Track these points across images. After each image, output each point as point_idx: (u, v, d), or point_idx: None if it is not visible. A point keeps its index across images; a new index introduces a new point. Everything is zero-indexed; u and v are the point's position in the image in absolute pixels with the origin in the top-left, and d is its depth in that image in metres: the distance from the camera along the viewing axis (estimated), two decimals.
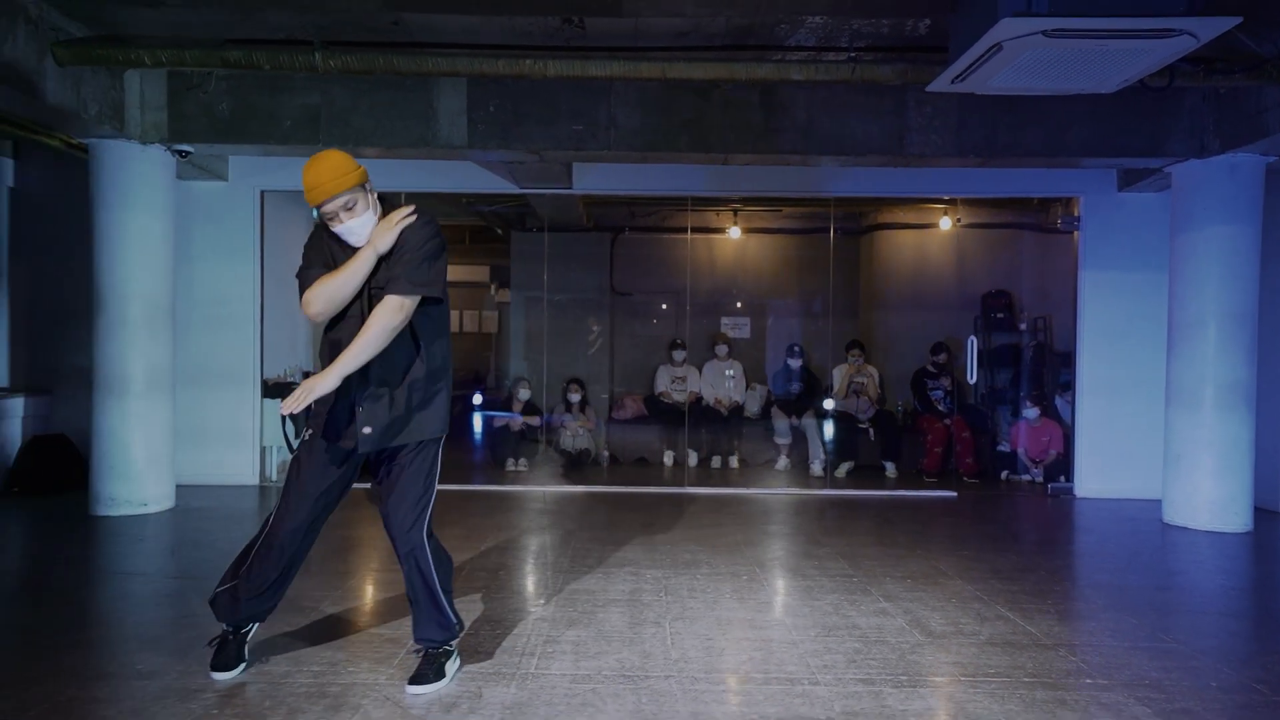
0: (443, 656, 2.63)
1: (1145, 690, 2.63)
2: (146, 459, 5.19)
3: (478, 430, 8.96)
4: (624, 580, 3.83)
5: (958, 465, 7.17)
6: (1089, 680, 2.71)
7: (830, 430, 7.42)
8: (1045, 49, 3.54)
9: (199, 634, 3.03)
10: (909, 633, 3.15)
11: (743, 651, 2.94)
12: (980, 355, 7.40)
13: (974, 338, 6.82)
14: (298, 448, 2.63)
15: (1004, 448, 7.45)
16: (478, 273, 10.76)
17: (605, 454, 7.73)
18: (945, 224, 7.94)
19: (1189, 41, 3.46)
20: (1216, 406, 5.11)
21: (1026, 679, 2.71)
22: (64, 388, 6.26)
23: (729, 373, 7.96)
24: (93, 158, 5.10)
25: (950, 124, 5.17)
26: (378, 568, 3.99)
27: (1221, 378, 5.10)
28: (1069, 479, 6.52)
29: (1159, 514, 5.49)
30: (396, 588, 3.60)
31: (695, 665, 2.81)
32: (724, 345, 8.07)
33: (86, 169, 5.62)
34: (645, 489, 6.39)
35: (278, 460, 6.42)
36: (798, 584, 3.80)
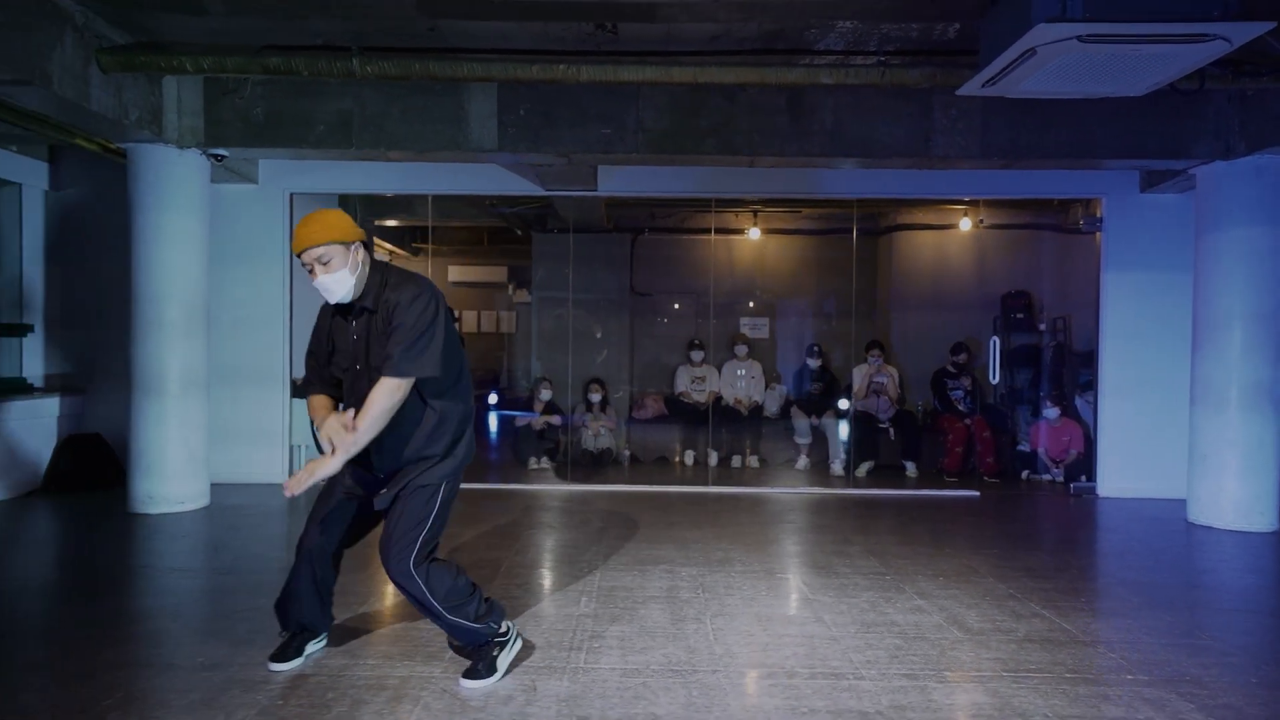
0: (494, 649, 2.69)
1: (1187, 686, 2.68)
2: (183, 458, 5.29)
3: (492, 430, 9.05)
4: (660, 578, 3.89)
5: (978, 465, 7.20)
6: (1129, 676, 2.76)
7: (847, 430, 7.47)
8: (1079, 53, 3.59)
9: (254, 627, 3.12)
10: (947, 629, 3.20)
11: (785, 647, 3.00)
12: (1002, 355, 7.44)
13: (996, 338, 6.86)
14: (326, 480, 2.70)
15: (1024, 447, 7.49)
16: (496, 273, 10.83)
17: (626, 453, 7.79)
18: (964, 225, 7.97)
19: (1222, 46, 3.50)
20: (1242, 406, 5.14)
21: (1068, 675, 2.76)
22: (97, 388, 6.36)
23: (740, 372, 8.02)
24: (131, 162, 5.20)
25: (975, 126, 5.21)
26: None
27: (1247, 378, 5.13)
28: (1090, 479, 6.55)
29: (1183, 513, 5.52)
30: None
31: (740, 660, 2.87)
32: (743, 345, 8.13)
33: (122, 173, 5.72)
34: (667, 488, 6.45)
35: (305, 459, 6.50)
36: (832, 582, 3.85)
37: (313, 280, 2.54)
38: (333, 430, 2.47)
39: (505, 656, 2.70)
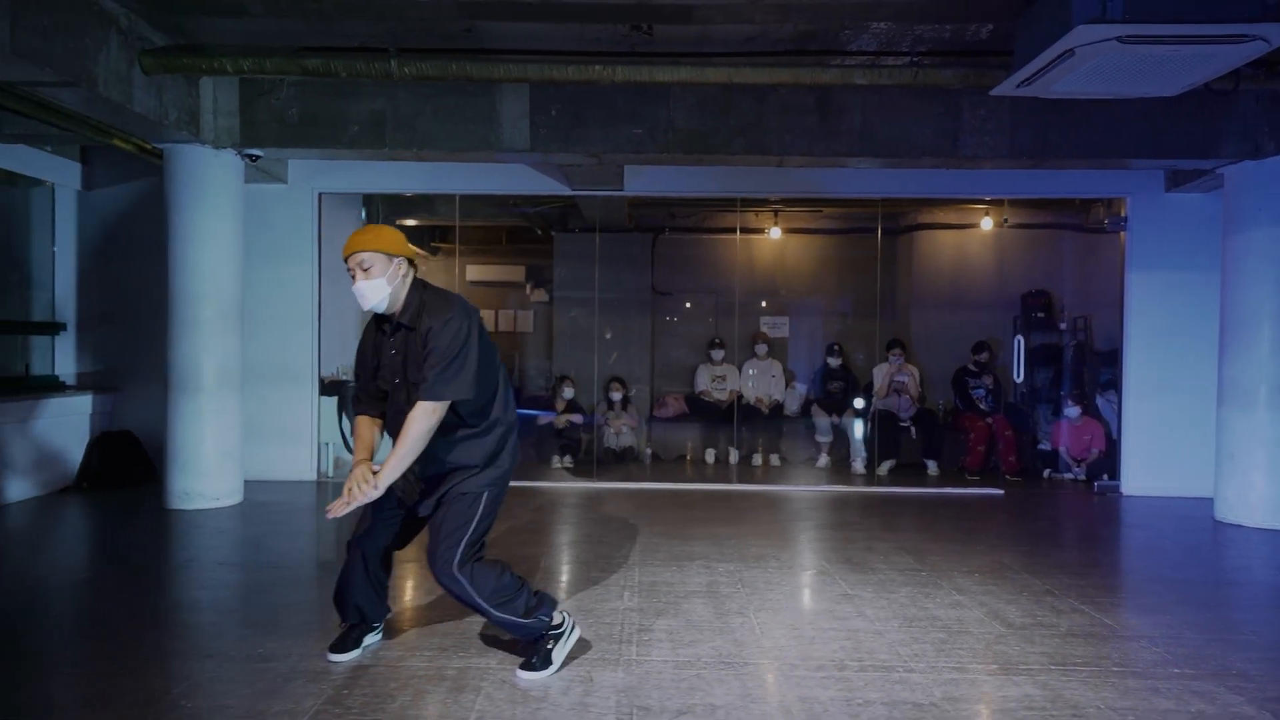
0: (548, 642, 2.73)
1: (1235, 680, 2.71)
2: (217, 455, 5.35)
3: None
4: (698, 573, 3.93)
5: (1000, 463, 7.23)
6: (1176, 670, 2.80)
7: (862, 429, 7.51)
8: (1117, 54, 3.62)
9: (307, 621, 3.18)
10: (989, 624, 3.24)
11: (832, 641, 3.04)
12: (1016, 354, 7.48)
13: (1020, 337, 6.88)
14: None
15: (1045, 446, 7.52)
16: (513, 272, 10.88)
17: (649, 452, 7.84)
18: (986, 224, 7.99)
19: (1260, 46, 3.53)
20: (1271, 405, 5.16)
21: (1115, 669, 2.80)
22: (129, 385, 6.43)
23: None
24: (167, 162, 5.26)
25: (1003, 126, 5.24)
26: None
27: (1276, 377, 5.15)
28: (1113, 477, 6.58)
29: (1209, 511, 5.55)
30: None
31: (790, 653, 2.91)
32: (763, 344, 8.17)
33: (153, 172, 5.80)
34: (691, 486, 6.50)
35: (333, 456, 6.57)
36: (869, 578, 3.89)
37: (353, 285, 2.61)
38: (356, 479, 2.55)
39: (560, 650, 2.74)
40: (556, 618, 2.75)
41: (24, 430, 5.56)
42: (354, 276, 2.60)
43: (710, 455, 7.82)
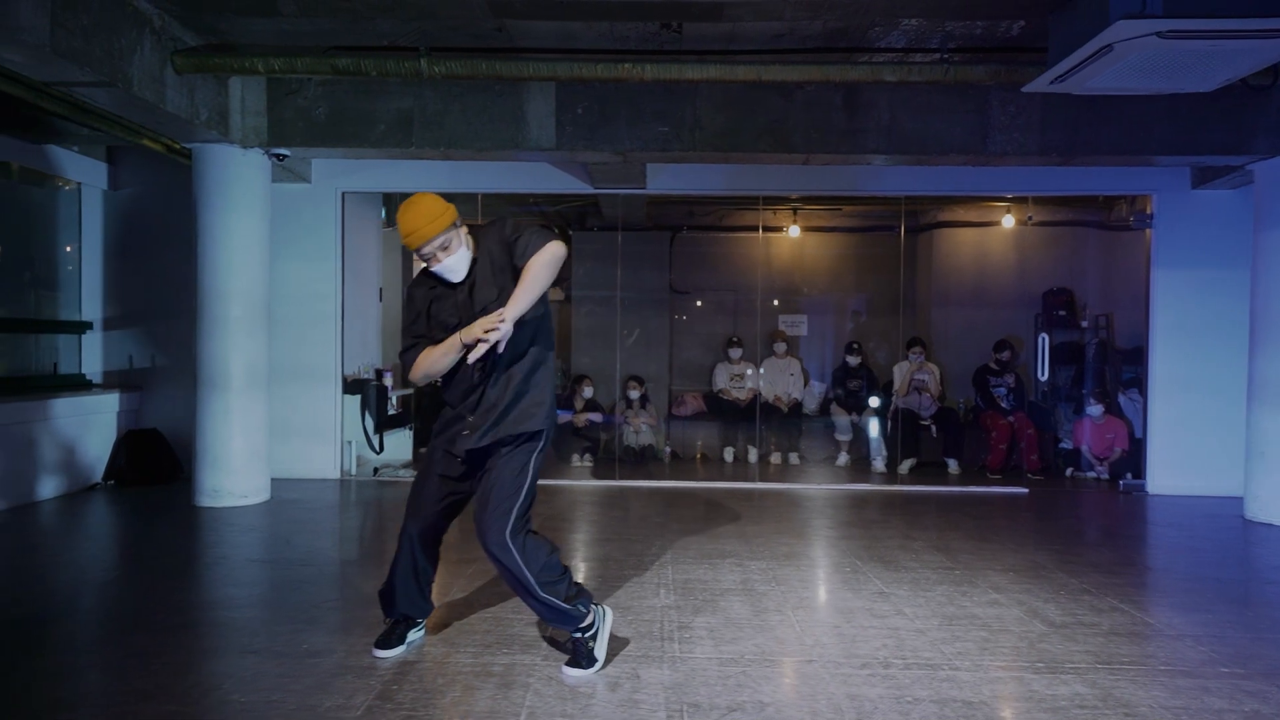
0: (589, 641, 2.73)
1: None
2: (245, 452, 5.37)
3: None
4: (730, 571, 3.93)
5: (1022, 462, 7.21)
6: (1224, 669, 2.78)
7: (882, 427, 7.49)
8: (1155, 50, 3.60)
9: (348, 618, 3.19)
10: (1030, 623, 3.23)
11: (874, 639, 3.03)
12: (1040, 352, 7.45)
13: (1044, 335, 6.86)
14: (427, 453, 2.80)
15: (1067, 445, 7.49)
16: None
17: (667, 450, 7.84)
18: (1007, 222, 7.97)
19: None
20: None
21: (1162, 667, 2.79)
22: (154, 384, 6.47)
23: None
24: (196, 161, 5.28)
25: (1033, 123, 5.22)
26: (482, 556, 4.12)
27: None
28: (1137, 476, 6.54)
29: (1238, 510, 5.51)
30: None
31: (833, 651, 2.91)
32: (782, 343, 8.16)
33: (179, 172, 5.83)
34: (712, 484, 6.49)
35: (356, 454, 6.59)
36: (903, 576, 3.88)
37: (433, 265, 2.59)
38: (482, 325, 2.45)
39: (601, 645, 2.73)
40: (589, 615, 2.73)
41: (52, 428, 5.59)
42: (433, 259, 2.56)
43: (729, 454, 7.82)
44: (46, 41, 3.55)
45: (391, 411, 6.88)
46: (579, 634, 2.70)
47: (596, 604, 2.79)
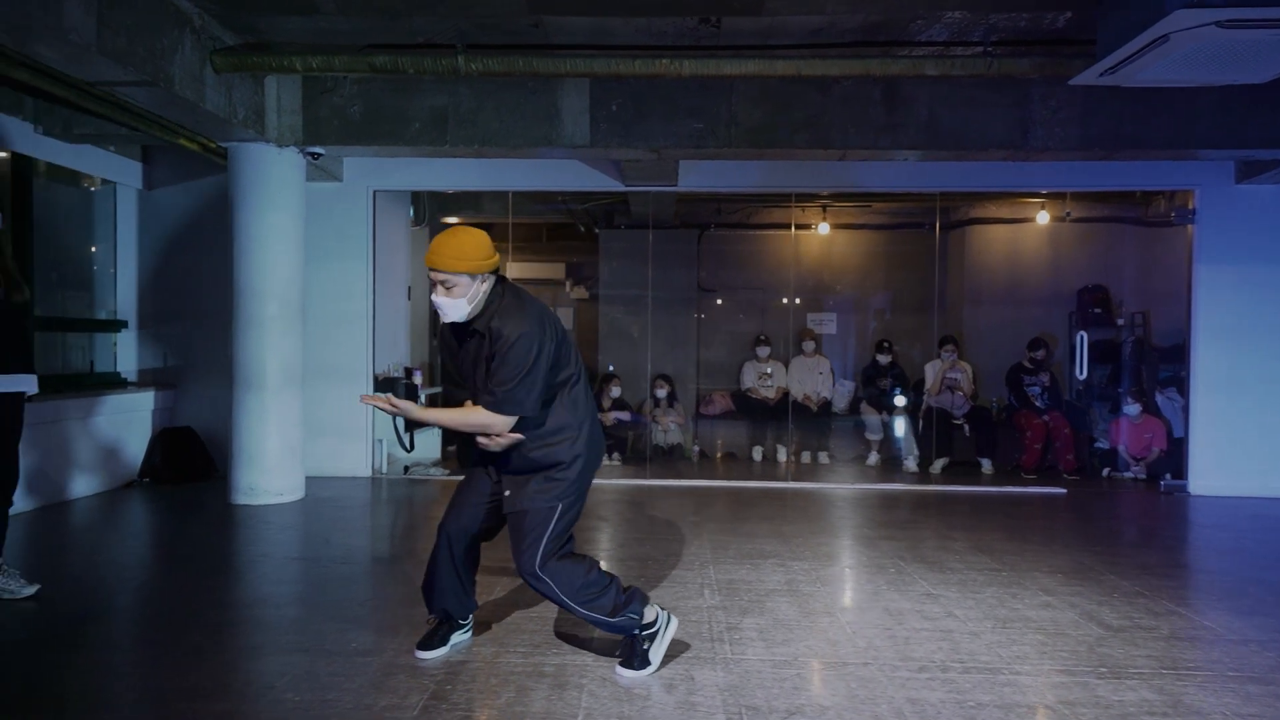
0: (644, 642, 2.69)
1: None
2: (281, 450, 5.39)
3: None
4: (773, 571, 3.89)
5: (1057, 462, 7.10)
6: None
7: (914, 426, 7.41)
8: (1211, 39, 3.51)
9: (395, 616, 3.18)
10: (1086, 626, 3.16)
11: (928, 641, 2.98)
12: (1079, 350, 7.33)
13: (1083, 333, 6.75)
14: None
15: (1103, 444, 7.37)
16: (554, 270, 10.87)
17: (696, 449, 7.80)
18: (1042, 218, 7.86)
19: None
20: None
21: (1231, 674, 2.71)
22: (188, 382, 6.50)
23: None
24: (232, 160, 5.30)
25: (1075, 116, 5.13)
26: None
27: None
28: (1177, 476, 6.42)
29: None
30: None
31: (888, 654, 2.86)
32: (811, 341, 8.09)
33: (216, 172, 5.85)
34: (744, 483, 6.44)
35: (387, 453, 6.60)
36: (949, 577, 3.82)
37: (431, 294, 2.56)
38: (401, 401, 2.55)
39: (657, 649, 2.69)
40: (649, 614, 2.70)
41: (89, 427, 5.63)
42: (434, 287, 2.53)
43: (757, 453, 7.76)
44: (93, 41, 3.57)
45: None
46: (635, 634, 2.67)
47: (663, 609, 2.76)
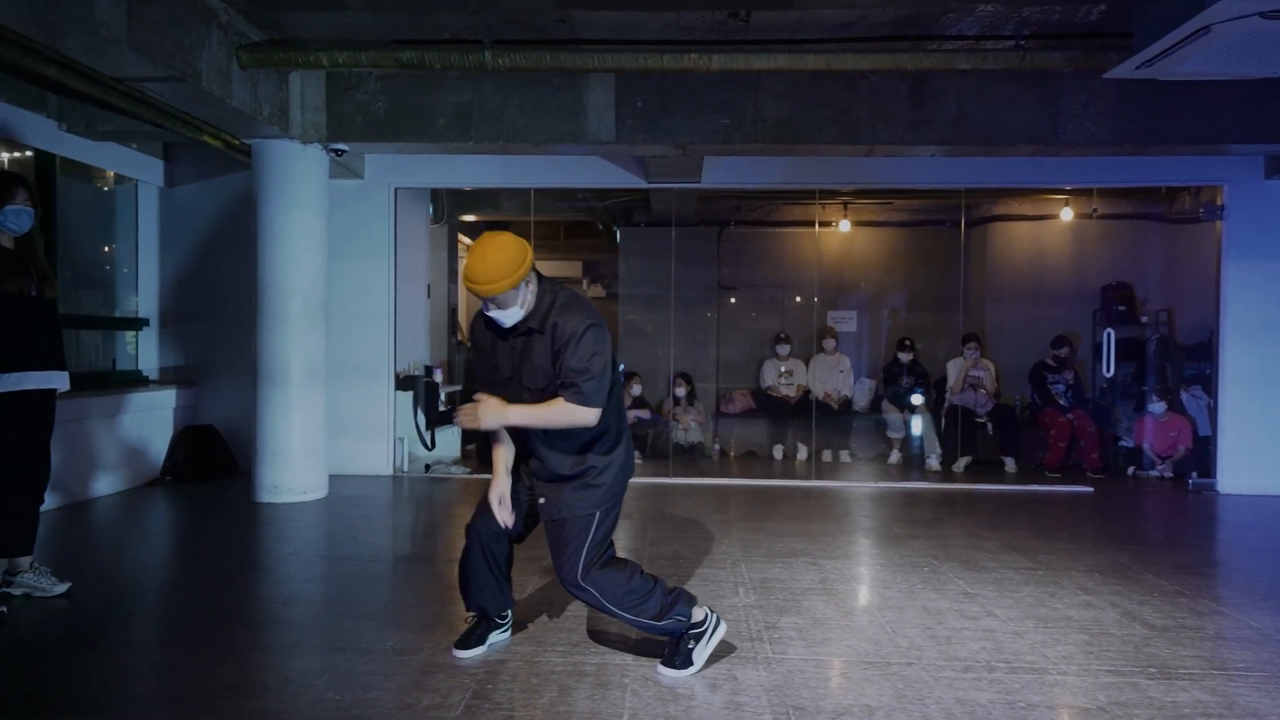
0: (689, 641, 2.66)
1: None
2: (304, 448, 5.38)
3: None
4: (805, 570, 3.85)
5: (1082, 460, 7.03)
6: None
7: (936, 424, 7.35)
8: (1256, 31, 3.45)
9: (432, 614, 3.16)
10: (1129, 625, 3.11)
11: (971, 641, 2.94)
12: (1101, 348, 7.26)
13: (1110, 330, 6.67)
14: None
15: (1127, 443, 7.29)
16: (570, 268, 10.86)
17: (716, 448, 7.76)
18: (1066, 215, 7.78)
19: None
20: None
21: None
22: (209, 380, 6.51)
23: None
24: (256, 157, 5.29)
25: (1106, 111, 5.07)
26: None
27: None
28: (1203, 474, 6.35)
29: None
30: None
31: (931, 653, 2.82)
32: (831, 339, 8.04)
33: (237, 169, 5.85)
34: (767, 482, 6.40)
35: (409, 452, 6.59)
36: (985, 576, 3.77)
37: (485, 309, 2.53)
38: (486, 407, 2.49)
39: (702, 650, 2.65)
40: (698, 614, 2.66)
41: (112, 425, 5.64)
42: (486, 305, 2.49)
43: (778, 451, 7.72)
44: (123, 35, 3.56)
45: (442, 408, 6.88)
46: (682, 634, 2.64)
47: (712, 610, 2.73)
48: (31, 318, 3.13)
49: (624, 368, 8.09)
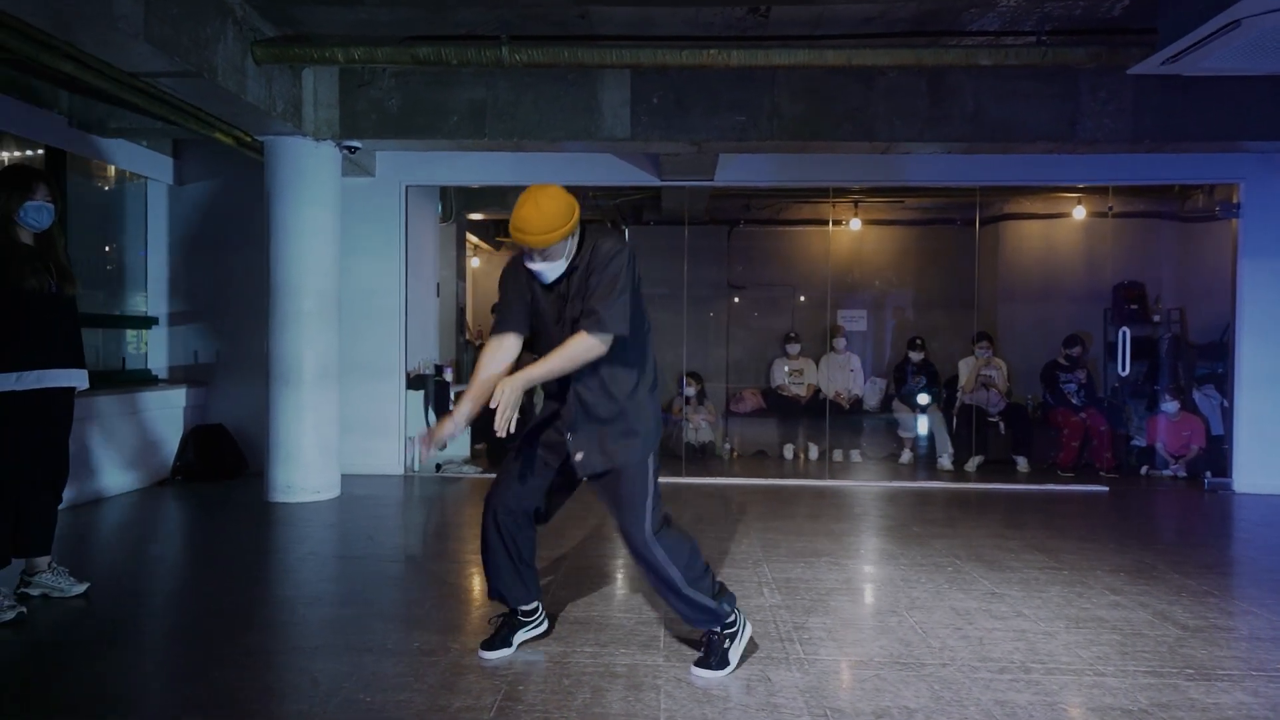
0: (724, 641, 2.63)
1: None
2: (317, 448, 5.34)
3: None
4: (828, 569, 3.82)
5: (1094, 460, 7.01)
6: None
7: (947, 424, 7.31)
8: None
9: (449, 614, 3.13)
10: (1161, 626, 3.08)
11: (1003, 642, 2.90)
12: (1113, 348, 7.23)
13: (1125, 329, 6.64)
14: (519, 438, 2.67)
15: (1139, 442, 7.27)
16: None
17: (727, 447, 7.72)
18: (1078, 213, 7.75)
19: None
20: None
21: None
22: (218, 379, 6.47)
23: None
24: (268, 154, 5.25)
25: (1125, 108, 5.04)
26: (578, 550, 4.04)
27: None
28: (1217, 474, 6.33)
29: None
30: (602, 567, 3.66)
31: (964, 654, 2.78)
32: (841, 338, 8.01)
33: (246, 166, 5.81)
34: (780, 481, 6.37)
35: (419, 451, 6.55)
36: (1010, 576, 3.74)
37: (528, 262, 2.48)
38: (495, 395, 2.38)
39: (736, 649, 2.63)
40: (732, 614, 2.64)
41: (122, 423, 5.60)
42: (531, 258, 2.46)
43: (788, 451, 7.69)
44: (141, 31, 3.52)
45: (452, 407, 6.83)
46: (717, 631, 2.61)
47: (739, 609, 2.69)
48: (52, 315, 3.09)
49: None
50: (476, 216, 8.61)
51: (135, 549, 4.23)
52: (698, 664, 2.61)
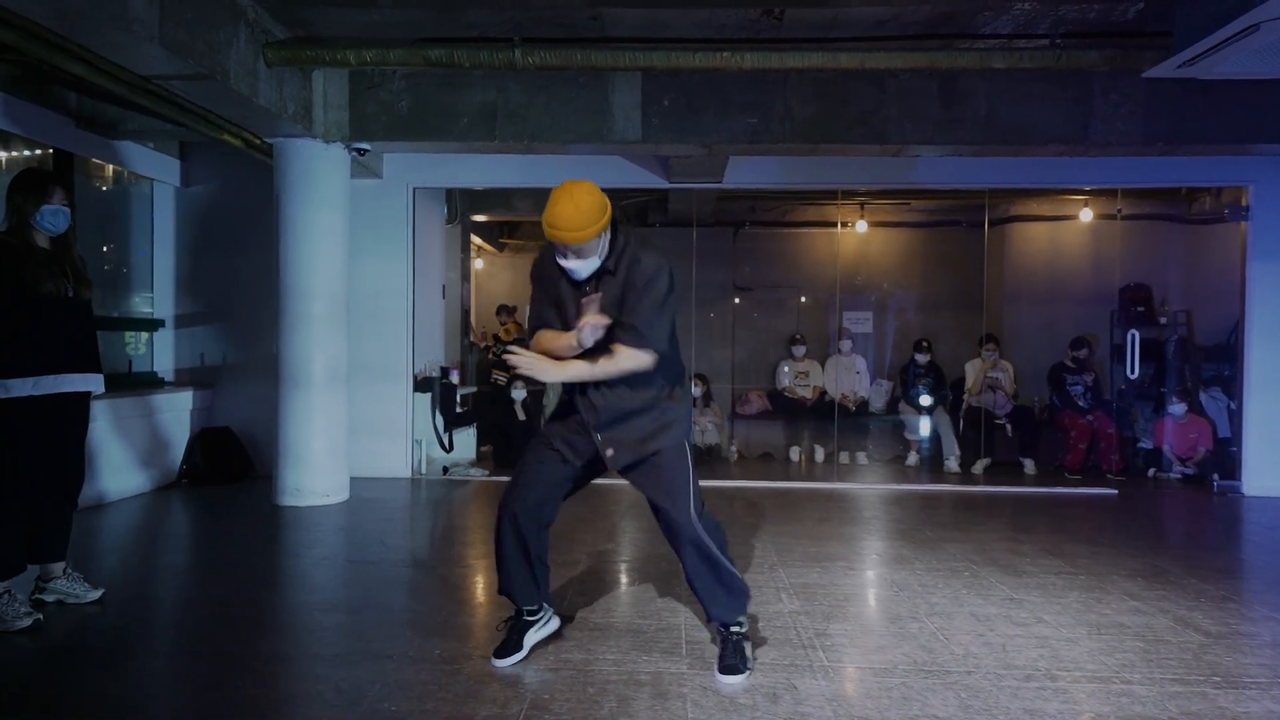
0: (743, 640, 2.65)
1: None
2: (326, 451, 5.32)
3: None
4: (844, 574, 3.80)
5: (1101, 462, 7.00)
6: None
7: (954, 426, 7.30)
8: None
9: (468, 621, 3.12)
10: (1184, 632, 3.07)
11: (1025, 648, 2.89)
12: (1119, 350, 7.23)
13: (1134, 332, 6.64)
14: (538, 435, 2.73)
15: (1146, 444, 7.27)
16: None
17: (734, 449, 7.71)
18: (1085, 215, 7.75)
19: None
20: None
21: None
22: (224, 381, 6.44)
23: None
24: (278, 156, 5.23)
25: (1138, 111, 5.03)
26: (591, 555, 4.03)
27: None
28: (1224, 476, 6.32)
29: None
30: (616, 572, 3.64)
31: (989, 662, 2.77)
32: (847, 340, 8.00)
33: (253, 169, 5.78)
34: (784, 484, 6.35)
35: (426, 454, 6.52)
36: (1027, 581, 3.73)
37: (560, 260, 2.48)
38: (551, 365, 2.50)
39: (749, 645, 2.67)
40: (748, 595, 2.73)
41: (129, 427, 5.56)
42: (564, 255, 2.45)
43: (794, 453, 7.67)
44: (156, 34, 3.49)
45: (458, 410, 6.82)
46: (735, 630, 2.63)
47: None
48: (68, 319, 3.07)
49: None
50: (481, 218, 8.59)
51: (146, 553, 4.21)
52: (723, 670, 2.60)
